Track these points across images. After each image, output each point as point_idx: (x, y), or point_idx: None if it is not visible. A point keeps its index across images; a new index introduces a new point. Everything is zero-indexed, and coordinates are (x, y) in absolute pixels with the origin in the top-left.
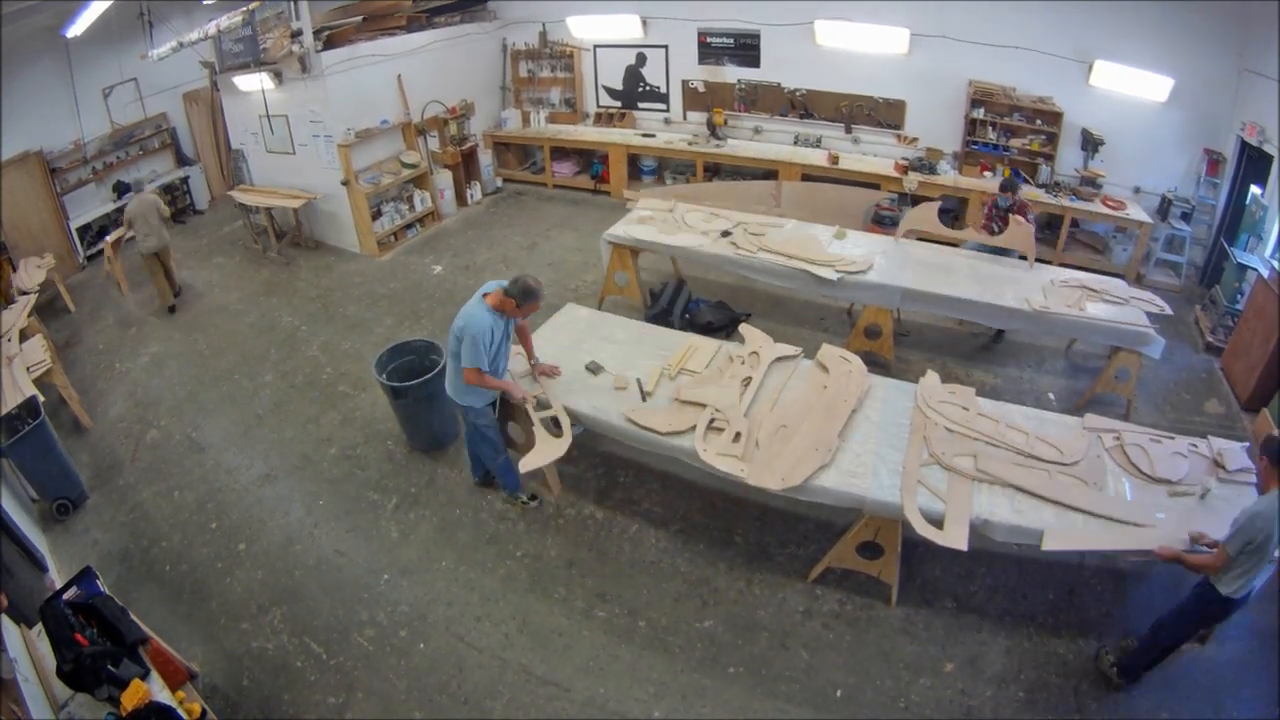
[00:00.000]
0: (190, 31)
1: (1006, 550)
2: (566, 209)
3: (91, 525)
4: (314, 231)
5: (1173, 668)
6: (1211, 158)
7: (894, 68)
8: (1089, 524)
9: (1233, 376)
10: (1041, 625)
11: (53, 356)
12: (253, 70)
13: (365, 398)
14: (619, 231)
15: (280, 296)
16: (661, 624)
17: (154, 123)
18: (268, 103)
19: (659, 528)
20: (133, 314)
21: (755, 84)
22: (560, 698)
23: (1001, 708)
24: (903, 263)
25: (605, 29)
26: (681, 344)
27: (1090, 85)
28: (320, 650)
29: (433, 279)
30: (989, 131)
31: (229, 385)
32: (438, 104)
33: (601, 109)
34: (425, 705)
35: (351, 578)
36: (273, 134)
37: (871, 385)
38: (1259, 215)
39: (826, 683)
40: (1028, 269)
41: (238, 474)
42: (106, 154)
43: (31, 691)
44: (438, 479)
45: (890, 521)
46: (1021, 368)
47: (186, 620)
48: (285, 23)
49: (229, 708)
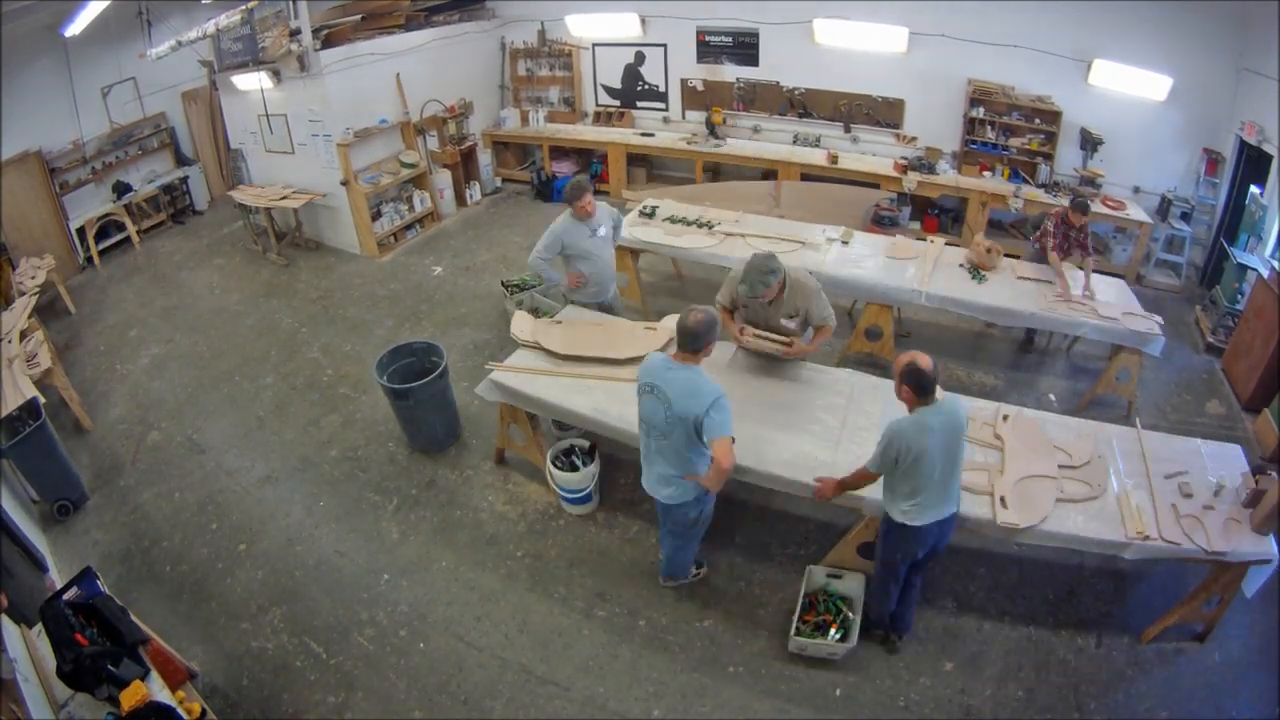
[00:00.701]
0: (189, 30)
1: (1006, 550)
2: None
3: (92, 526)
4: (314, 232)
5: (1173, 668)
6: (1211, 157)
7: (893, 67)
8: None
9: (1233, 377)
10: (1041, 625)
11: (53, 358)
12: (251, 69)
13: (366, 399)
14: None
15: (280, 298)
16: (661, 623)
17: (153, 122)
18: (266, 102)
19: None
20: (134, 315)
21: (754, 83)
22: (560, 697)
23: (1001, 707)
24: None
25: (604, 27)
26: None
27: (1089, 84)
28: (320, 650)
29: (433, 280)
30: (988, 131)
31: (230, 387)
32: (436, 103)
33: (600, 108)
34: (425, 705)
35: (352, 578)
36: (272, 133)
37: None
38: (1258, 215)
39: (826, 682)
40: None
41: (238, 475)
42: (105, 154)
43: (31, 691)
44: (438, 480)
45: None
46: (1022, 368)
47: (186, 620)
48: (284, 21)
49: (229, 708)
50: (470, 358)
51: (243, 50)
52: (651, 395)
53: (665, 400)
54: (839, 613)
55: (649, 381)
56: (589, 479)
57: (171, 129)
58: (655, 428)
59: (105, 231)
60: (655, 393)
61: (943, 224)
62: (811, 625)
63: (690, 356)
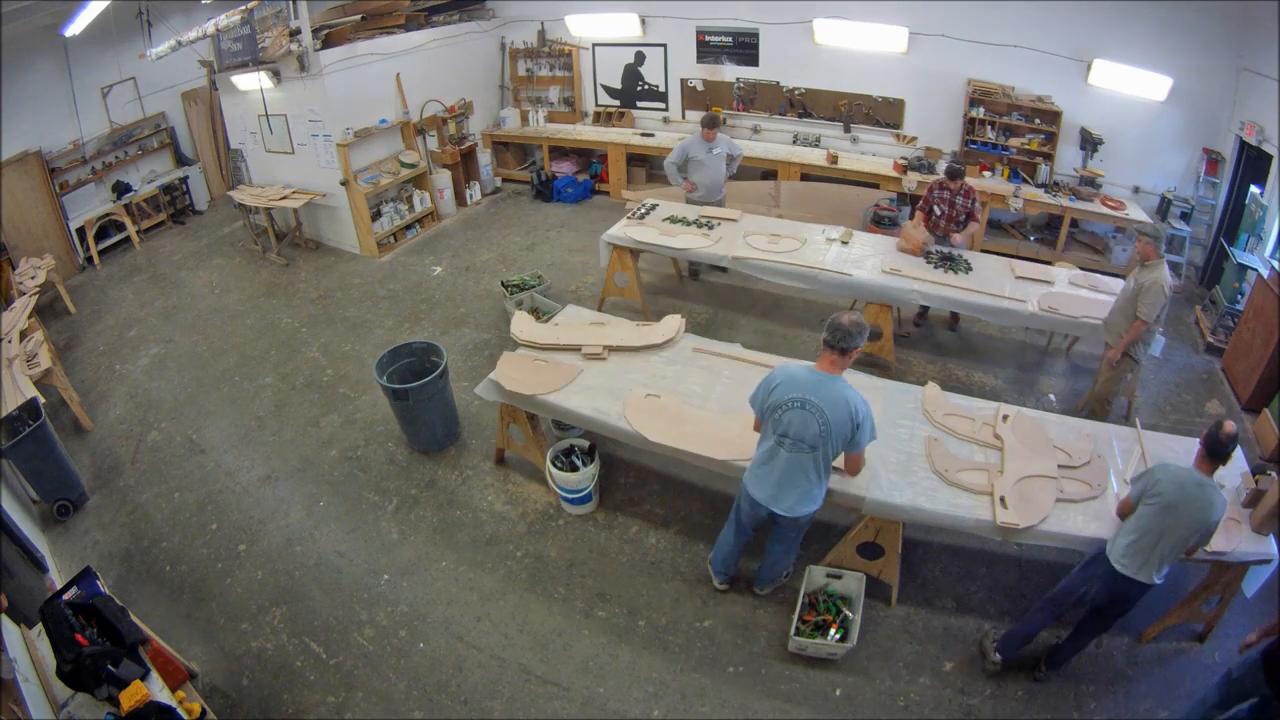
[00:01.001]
0: (188, 30)
1: (1006, 550)
2: (566, 209)
3: (92, 526)
4: (314, 232)
5: (1173, 668)
6: (1210, 157)
7: (893, 66)
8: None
9: (1233, 377)
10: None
11: (53, 358)
12: (251, 69)
13: (366, 399)
14: (618, 232)
15: (280, 298)
16: (661, 624)
17: (153, 122)
18: (266, 102)
19: (659, 528)
20: (133, 315)
21: (754, 83)
22: (560, 697)
23: (1001, 707)
24: (912, 261)
25: (604, 28)
26: None
27: (1089, 84)
28: (320, 650)
29: (433, 280)
30: (988, 131)
31: (229, 387)
32: (436, 103)
33: (600, 108)
34: (425, 705)
35: (351, 578)
36: (271, 133)
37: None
38: (1258, 215)
39: (826, 682)
40: None
41: (238, 475)
42: (105, 154)
43: (31, 691)
44: (438, 480)
45: (890, 522)
46: (1022, 368)
47: (186, 620)
48: (284, 21)
49: (229, 708)
50: (470, 358)
51: (243, 50)
52: (802, 410)
53: (819, 414)
54: (838, 613)
55: (797, 396)
56: (589, 479)
57: (171, 129)
58: (804, 442)
59: (105, 231)
60: (807, 407)
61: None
62: (811, 625)
63: (841, 359)
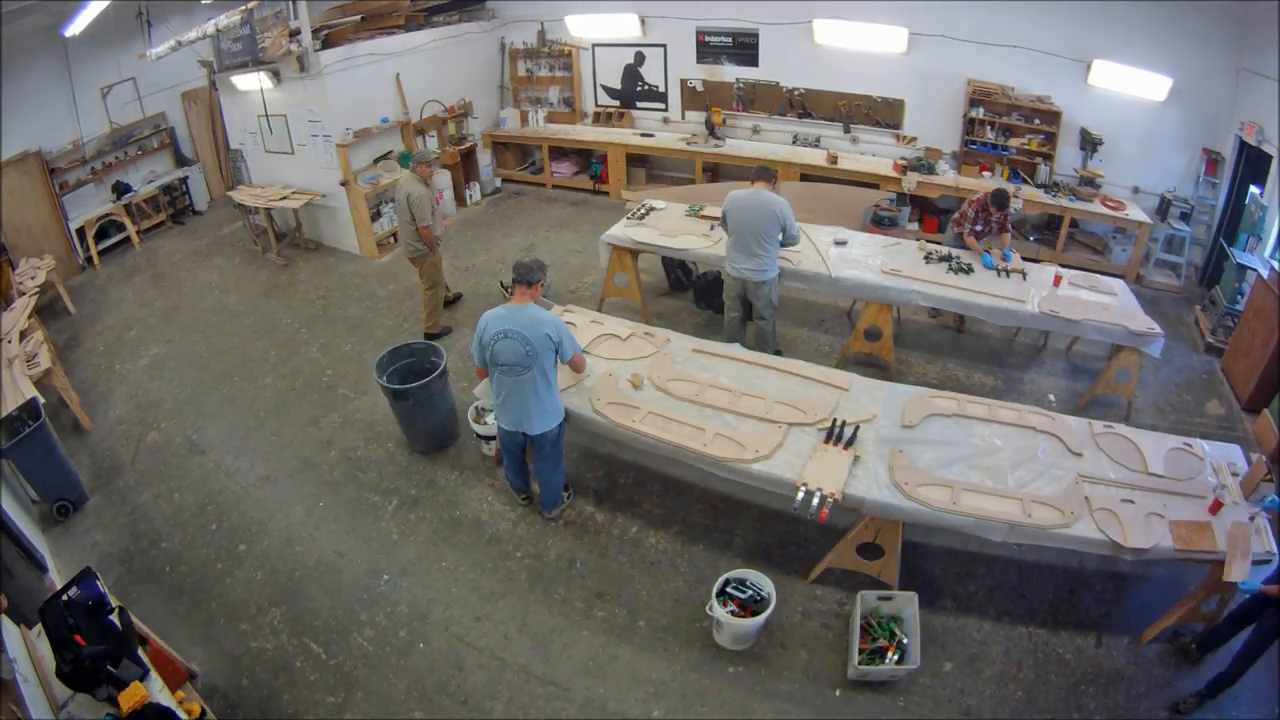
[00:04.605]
0: (188, 30)
1: (1006, 550)
2: (566, 210)
3: (91, 526)
4: (314, 232)
5: (1173, 668)
6: (1210, 157)
7: (892, 67)
8: None
9: (1233, 377)
10: (1041, 625)
11: (53, 358)
12: (251, 69)
13: (365, 400)
14: (618, 233)
15: (280, 298)
16: (661, 624)
17: (152, 122)
18: (266, 102)
19: (659, 528)
20: (133, 315)
21: (753, 83)
22: (560, 698)
23: (1001, 707)
24: (914, 261)
25: (604, 28)
26: None
27: (1089, 84)
28: (320, 650)
29: None
30: (988, 131)
31: (229, 387)
32: (436, 103)
33: (600, 108)
34: (425, 705)
35: (351, 578)
36: (271, 134)
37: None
38: (1258, 215)
39: (826, 683)
40: None
41: (238, 476)
42: (105, 154)
43: (31, 692)
44: (438, 480)
45: (890, 522)
46: (1022, 368)
47: (186, 621)
48: (283, 22)
49: (229, 708)
50: (470, 358)
51: (242, 50)
52: (507, 339)
53: (520, 338)
54: (893, 636)
55: (500, 330)
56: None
57: (171, 129)
58: (518, 365)
59: (105, 232)
60: (510, 336)
61: (942, 224)
62: (868, 653)
63: (528, 291)
